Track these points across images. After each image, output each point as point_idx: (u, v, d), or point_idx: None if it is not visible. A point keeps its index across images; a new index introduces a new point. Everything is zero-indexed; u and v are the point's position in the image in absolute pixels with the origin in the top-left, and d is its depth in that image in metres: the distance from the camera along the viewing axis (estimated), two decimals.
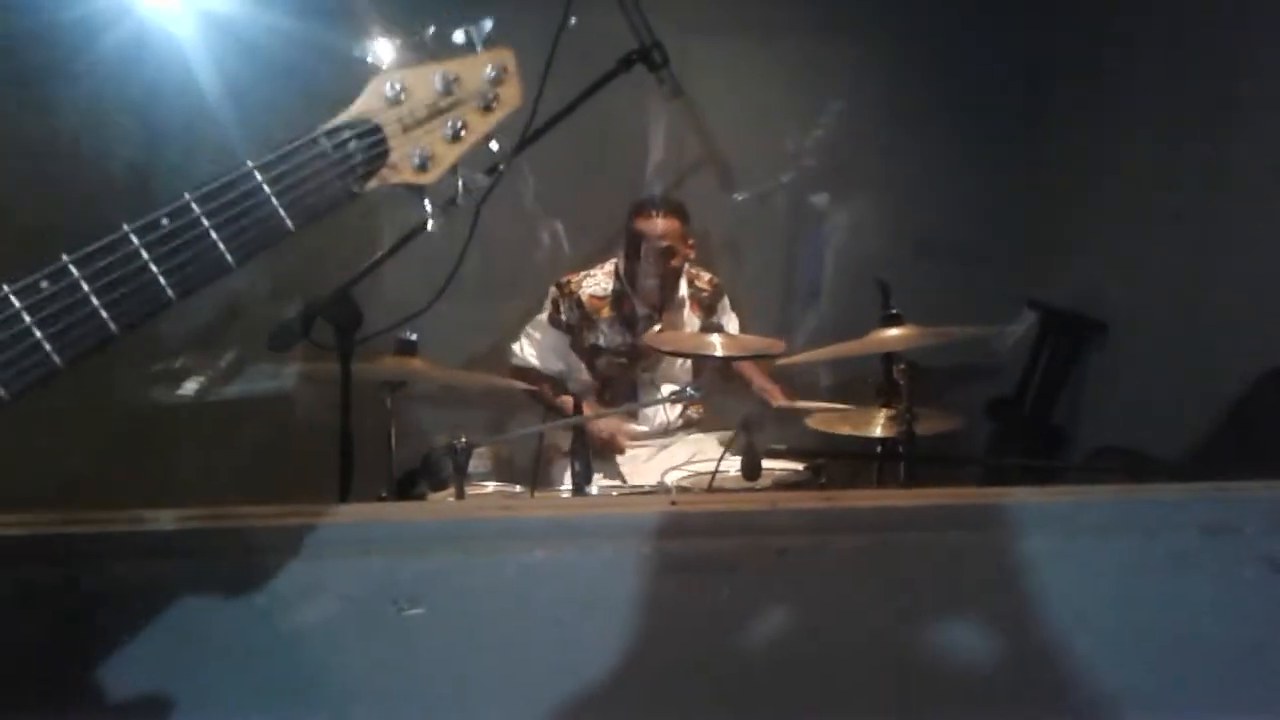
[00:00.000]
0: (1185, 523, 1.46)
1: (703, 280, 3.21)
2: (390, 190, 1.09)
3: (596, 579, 1.37)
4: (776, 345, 2.63)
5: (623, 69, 2.22)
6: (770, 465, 2.41)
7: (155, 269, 0.97)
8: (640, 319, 3.09)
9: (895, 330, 2.44)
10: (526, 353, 3.12)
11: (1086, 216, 3.64)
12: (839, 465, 2.57)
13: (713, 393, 3.22)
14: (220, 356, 3.00)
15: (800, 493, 2.14)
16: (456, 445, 2.08)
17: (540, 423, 3.01)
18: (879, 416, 2.53)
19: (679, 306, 3.13)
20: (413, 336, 2.37)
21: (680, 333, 3.05)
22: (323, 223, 1.05)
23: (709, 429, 3.18)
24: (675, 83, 2.39)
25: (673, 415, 3.13)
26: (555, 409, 2.96)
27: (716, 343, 2.50)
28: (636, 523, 1.38)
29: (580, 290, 3.09)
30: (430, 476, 2.17)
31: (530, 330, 3.14)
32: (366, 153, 1.06)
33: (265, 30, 2.68)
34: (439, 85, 1.08)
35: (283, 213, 1.01)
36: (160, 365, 2.97)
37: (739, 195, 3.63)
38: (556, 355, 3.11)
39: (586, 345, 3.09)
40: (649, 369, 3.12)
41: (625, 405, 3.08)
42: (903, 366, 2.41)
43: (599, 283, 3.10)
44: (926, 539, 1.43)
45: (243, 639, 1.30)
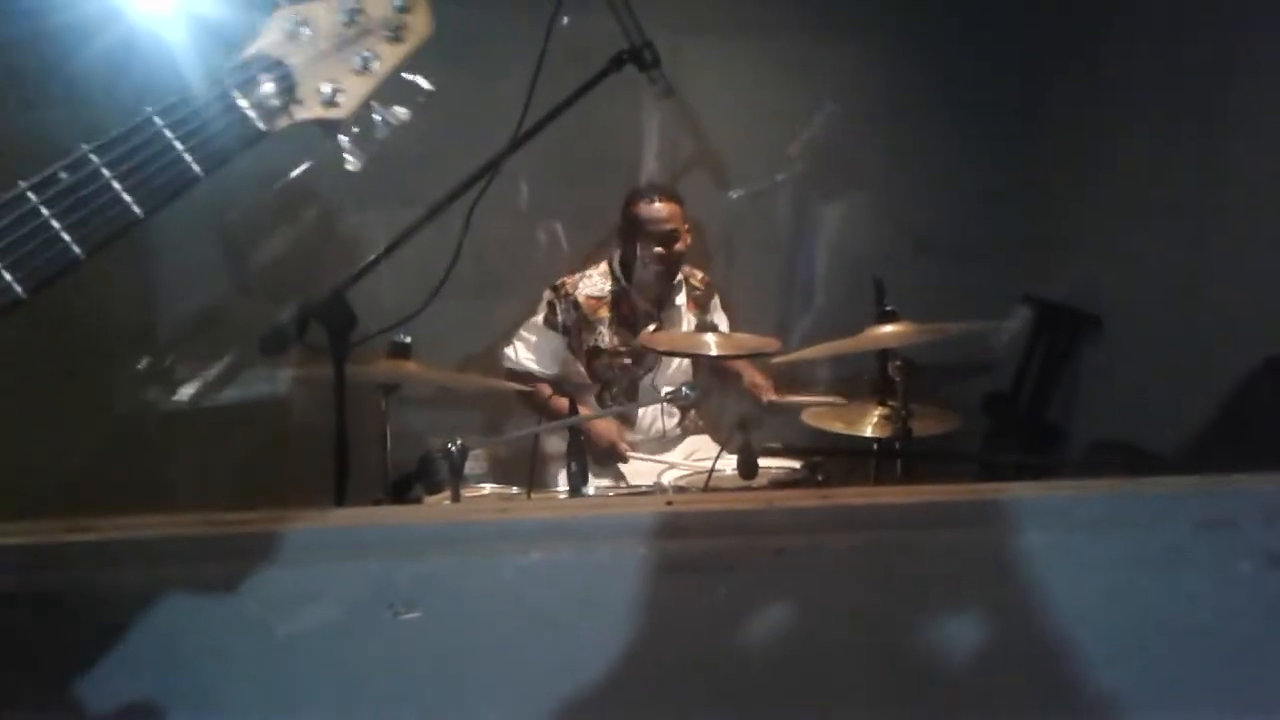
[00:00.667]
0: (1181, 517, 1.46)
1: (696, 279, 3.20)
2: (300, 128, 1.05)
3: (594, 580, 1.37)
4: (772, 344, 2.62)
5: (614, 69, 2.22)
6: (767, 464, 2.41)
7: (57, 225, 0.94)
8: (640, 317, 3.05)
9: (890, 327, 2.44)
10: (521, 356, 3.03)
11: (1082, 212, 3.64)
12: (835, 463, 2.58)
13: (707, 391, 3.21)
14: (214, 361, 2.99)
15: (797, 492, 2.14)
16: (452, 448, 2.08)
17: (535, 424, 2.98)
18: (874, 413, 2.53)
19: (675, 306, 3.11)
20: (407, 339, 2.36)
21: (675, 332, 3.03)
22: (313, 226, 1.04)
23: (704, 432, 3.18)
24: (666, 82, 2.39)
25: (670, 424, 3.11)
26: (550, 412, 2.92)
27: (711, 342, 2.49)
28: (633, 523, 1.38)
29: (577, 292, 3.02)
30: (426, 479, 2.17)
31: (524, 333, 3.05)
32: (272, 90, 1.03)
33: None
34: (342, 16, 1.05)
35: (188, 158, 0.99)
36: (154, 370, 2.96)
37: (733, 194, 3.63)
38: (553, 358, 3.04)
39: (586, 347, 3.02)
40: (648, 370, 3.08)
41: (618, 408, 3.05)
42: (898, 363, 2.41)
43: (595, 283, 3.04)
44: (923, 536, 1.43)
45: (239, 644, 1.30)
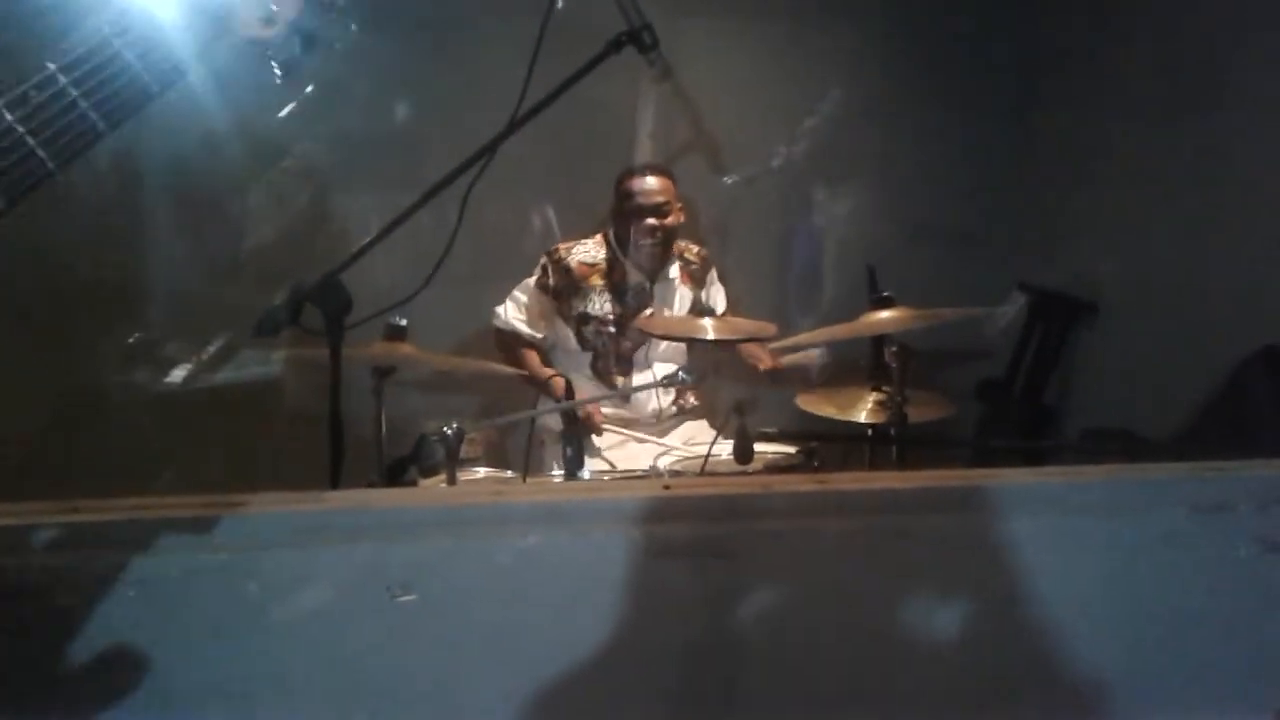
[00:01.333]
0: (1177, 502, 1.46)
1: (692, 253, 3.21)
2: (238, 48, 1.08)
3: (589, 564, 1.36)
4: (768, 328, 2.62)
5: (612, 51, 2.20)
6: (762, 449, 2.41)
7: (31, 141, 0.98)
8: (631, 288, 3.07)
9: (886, 313, 2.43)
10: (510, 315, 3.11)
11: (1077, 199, 3.64)
12: (830, 448, 2.58)
13: (703, 368, 3.21)
14: (208, 343, 2.98)
15: (793, 476, 2.14)
16: (448, 430, 2.08)
17: (532, 406, 2.99)
18: (870, 399, 2.53)
19: (670, 280, 3.12)
20: (402, 322, 2.36)
21: (671, 317, 3.04)
22: (308, 209, 1.03)
23: (700, 415, 3.18)
24: (665, 65, 2.38)
25: (665, 403, 3.12)
26: (547, 390, 2.94)
27: (708, 326, 2.49)
28: (629, 507, 1.38)
29: (569, 257, 3.07)
30: (421, 462, 2.16)
31: (516, 294, 3.12)
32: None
33: None
34: None
35: (145, 78, 1.02)
36: (148, 352, 2.95)
37: (729, 178, 3.62)
38: (543, 320, 3.10)
39: (574, 313, 3.06)
40: (638, 345, 3.09)
41: (616, 391, 3.07)
42: (894, 349, 2.40)
43: (588, 250, 3.09)
44: (920, 521, 1.43)
45: (233, 627, 1.29)
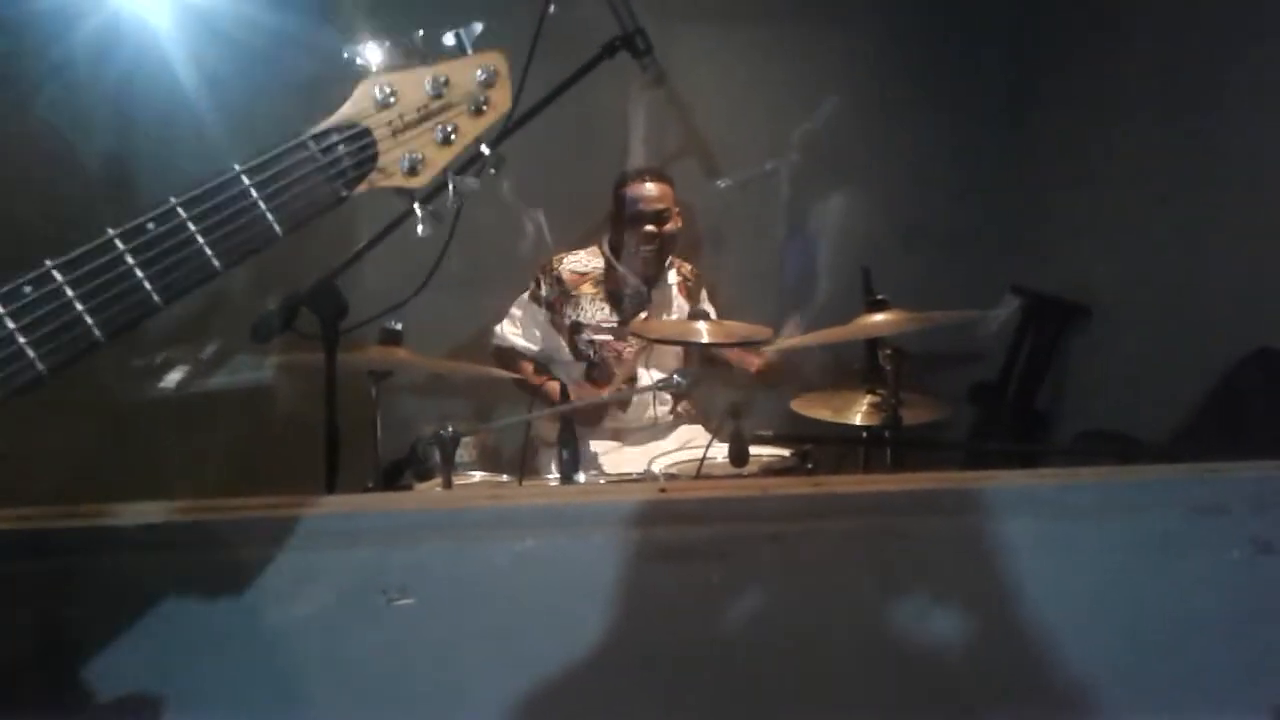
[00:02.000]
0: (1172, 504, 1.46)
1: (686, 270, 3.23)
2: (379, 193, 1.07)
3: (587, 567, 1.36)
4: (764, 331, 2.63)
5: (606, 56, 2.21)
6: (757, 451, 2.41)
7: (140, 274, 0.96)
8: (628, 295, 3.07)
9: (880, 316, 2.44)
10: (507, 331, 3.12)
11: (1071, 201, 3.64)
12: (824, 451, 2.58)
13: (697, 377, 3.21)
14: (203, 348, 2.98)
15: (790, 478, 2.14)
16: (443, 434, 2.07)
17: (526, 411, 2.98)
18: (864, 401, 2.54)
19: (668, 285, 3.12)
20: (398, 326, 2.36)
21: (666, 321, 3.04)
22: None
23: (695, 420, 3.18)
24: (659, 69, 2.38)
25: (661, 410, 3.11)
26: (541, 395, 2.93)
27: (703, 329, 2.50)
28: (626, 510, 1.38)
29: (560, 267, 3.08)
30: (417, 466, 2.16)
31: (513, 310, 3.14)
32: (355, 157, 1.04)
33: (247, 24, 2.66)
34: (429, 89, 1.07)
35: (270, 218, 1.00)
36: (143, 358, 2.94)
37: (722, 182, 3.62)
38: (538, 332, 3.10)
39: (567, 322, 3.07)
40: (636, 353, 3.09)
41: (611, 395, 3.06)
42: (889, 352, 2.41)
43: (580, 260, 3.10)
44: (915, 523, 1.43)
45: (231, 632, 1.29)
